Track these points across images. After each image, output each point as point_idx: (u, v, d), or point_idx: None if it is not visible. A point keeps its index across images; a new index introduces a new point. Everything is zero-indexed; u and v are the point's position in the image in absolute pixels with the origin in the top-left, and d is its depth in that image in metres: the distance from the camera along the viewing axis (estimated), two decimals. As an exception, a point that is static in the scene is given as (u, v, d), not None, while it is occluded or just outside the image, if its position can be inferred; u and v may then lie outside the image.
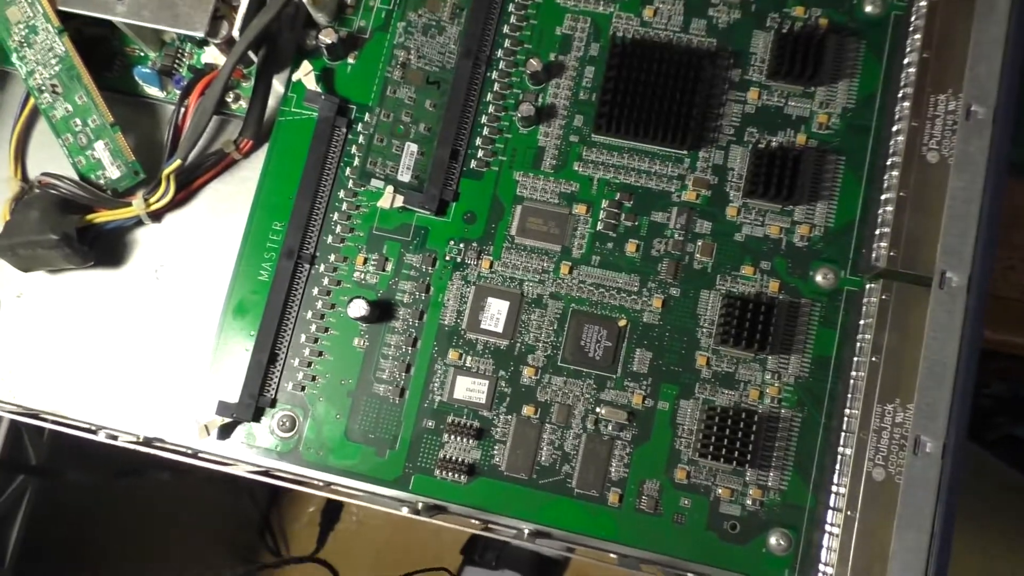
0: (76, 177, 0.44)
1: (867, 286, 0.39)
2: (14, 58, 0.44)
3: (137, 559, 1.02)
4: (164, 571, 1.09)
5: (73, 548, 0.87)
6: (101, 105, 0.43)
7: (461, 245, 0.43)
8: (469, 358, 0.42)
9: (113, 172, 0.44)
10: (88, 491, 0.81)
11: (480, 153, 0.44)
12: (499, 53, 0.44)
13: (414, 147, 0.43)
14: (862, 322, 0.39)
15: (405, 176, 0.43)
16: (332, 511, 1.28)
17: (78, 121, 0.44)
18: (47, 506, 0.72)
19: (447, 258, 0.43)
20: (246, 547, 1.30)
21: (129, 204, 0.44)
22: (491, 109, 0.44)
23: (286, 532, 1.34)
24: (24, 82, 0.44)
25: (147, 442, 0.43)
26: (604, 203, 0.43)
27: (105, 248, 0.45)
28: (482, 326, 0.42)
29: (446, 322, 0.42)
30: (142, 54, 0.46)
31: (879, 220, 0.39)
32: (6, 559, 0.69)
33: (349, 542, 1.32)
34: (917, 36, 0.40)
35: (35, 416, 0.44)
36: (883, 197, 0.39)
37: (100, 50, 0.46)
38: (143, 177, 0.44)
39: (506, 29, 0.44)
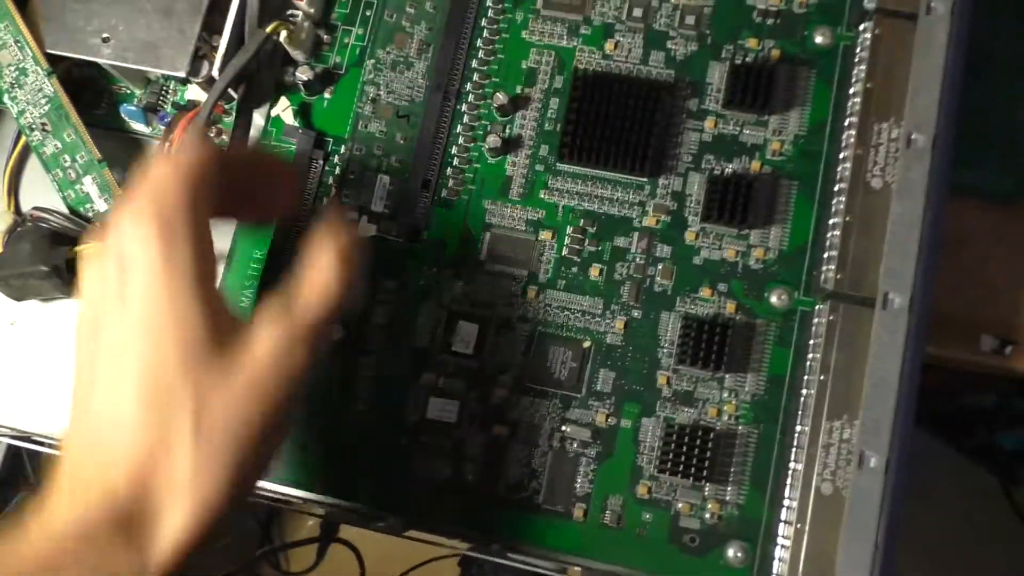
0: (66, 210, 0.47)
1: (816, 307, 0.41)
2: (6, 98, 0.46)
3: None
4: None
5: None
6: (88, 142, 0.46)
7: (433, 270, 0.45)
8: (442, 379, 0.44)
9: (101, 205, 0.46)
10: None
11: (451, 183, 0.46)
12: (468, 87, 0.46)
13: (386, 179, 0.45)
14: (811, 342, 0.41)
15: (378, 206, 0.45)
16: (332, 524, 1.29)
17: (67, 157, 0.46)
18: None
19: (420, 283, 0.45)
20: (247, 562, 1.32)
21: (116, 236, 0.46)
22: (460, 140, 0.46)
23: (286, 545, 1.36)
24: (16, 120, 0.46)
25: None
26: (569, 229, 0.44)
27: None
28: (453, 348, 0.44)
29: (420, 344, 0.44)
30: (128, 91, 0.49)
31: (827, 244, 0.41)
32: None
33: (349, 555, 1.34)
34: (862, 67, 0.42)
35: (28, 439, 0.46)
36: (831, 221, 0.41)
37: (88, 89, 0.49)
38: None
39: (474, 63, 0.46)
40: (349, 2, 0.48)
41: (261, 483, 0.43)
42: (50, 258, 0.45)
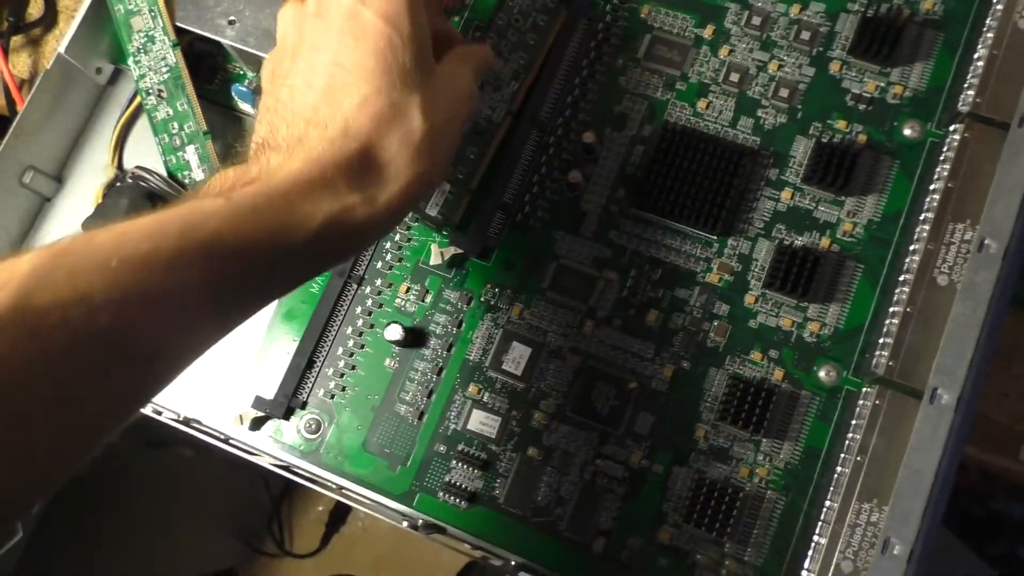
0: (165, 174, 0.49)
1: (863, 389, 0.42)
2: (130, 60, 0.49)
3: (150, 526, 1.07)
4: (171, 542, 1.14)
5: (95, 506, 0.92)
6: (198, 114, 0.48)
7: (496, 290, 0.46)
8: (487, 394, 0.45)
9: (198, 175, 0.49)
10: (117, 455, 0.86)
11: (527, 209, 0.47)
12: (559, 121, 0.48)
13: (447, 186, 0.46)
14: (854, 422, 0.41)
15: (432, 211, 0.46)
16: (340, 513, 1.32)
17: (176, 125, 0.49)
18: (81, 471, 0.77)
19: (482, 299, 0.46)
20: (252, 533, 1.34)
21: (207, 205, 0.48)
22: (544, 170, 0.48)
23: (293, 526, 1.38)
24: (135, 83, 0.49)
25: (186, 421, 0.47)
26: (633, 272, 0.46)
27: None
28: (503, 367, 0.45)
29: (471, 358, 0.46)
30: (241, 72, 0.51)
31: (884, 330, 0.42)
32: (35, 505, 0.74)
33: (351, 547, 1.36)
34: (947, 166, 0.43)
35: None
36: (891, 309, 0.42)
37: (205, 63, 0.52)
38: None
39: (568, 100, 0.48)
40: (461, 23, 0.50)
41: (297, 461, 0.45)
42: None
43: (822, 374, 0.44)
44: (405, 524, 0.43)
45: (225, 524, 1.33)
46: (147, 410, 0.46)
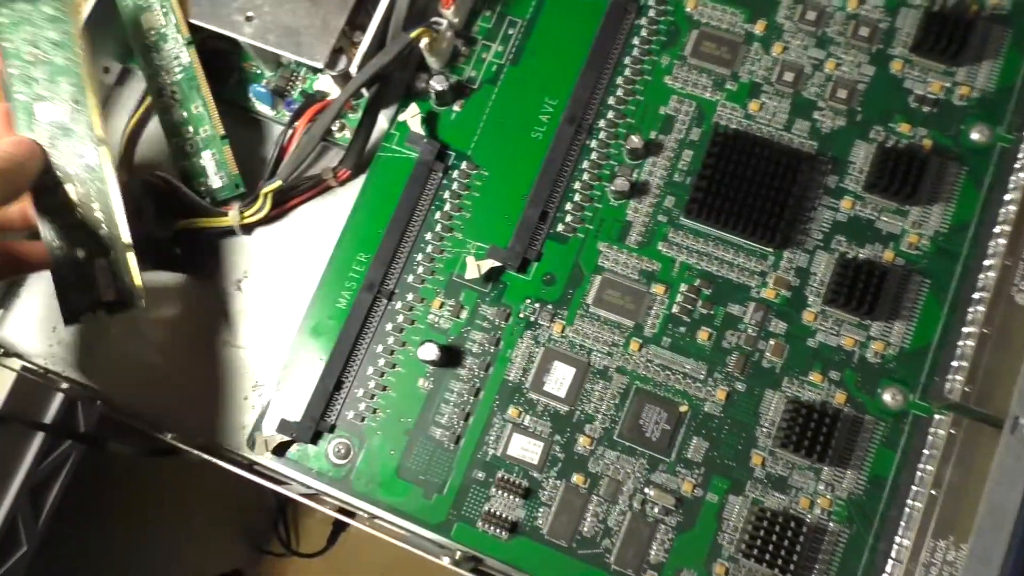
0: (178, 180, 0.46)
1: (936, 417, 0.39)
2: (140, 60, 0.46)
3: (157, 530, 1.04)
4: (178, 545, 1.11)
5: (101, 512, 0.89)
6: (215, 117, 0.45)
7: (536, 305, 0.44)
8: (528, 417, 0.42)
9: (215, 182, 0.45)
10: (125, 462, 0.84)
11: (568, 218, 0.44)
12: (601, 123, 0.45)
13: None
14: (926, 452, 0.39)
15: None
16: (346, 514, 1.28)
17: (190, 129, 0.45)
18: (87, 472, 0.74)
19: (521, 315, 0.44)
20: (259, 533, 1.32)
21: (225, 214, 0.45)
22: (585, 177, 0.45)
23: (299, 526, 1.36)
24: (146, 84, 0.46)
25: (208, 449, 0.44)
26: (683, 287, 0.43)
27: (195, 252, 0.47)
28: (545, 388, 0.42)
29: (511, 378, 0.43)
30: (259, 72, 0.48)
31: (958, 353, 0.39)
32: (41, 518, 0.71)
33: (359, 546, 1.34)
34: (1022, 174, 0.40)
35: (108, 403, 0.46)
36: (965, 330, 0.39)
37: (219, 62, 0.48)
38: (242, 191, 0.45)
39: (611, 101, 0.45)
40: (493, 17, 0.47)
41: (326, 488, 0.42)
42: (158, 228, 0.44)
43: (887, 397, 0.41)
44: (446, 560, 0.40)
45: (232, 525, 1.30)
46: (167, 437, 0.43)
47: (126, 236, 0.40)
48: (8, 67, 0.40)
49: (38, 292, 0.48)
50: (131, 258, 0.40)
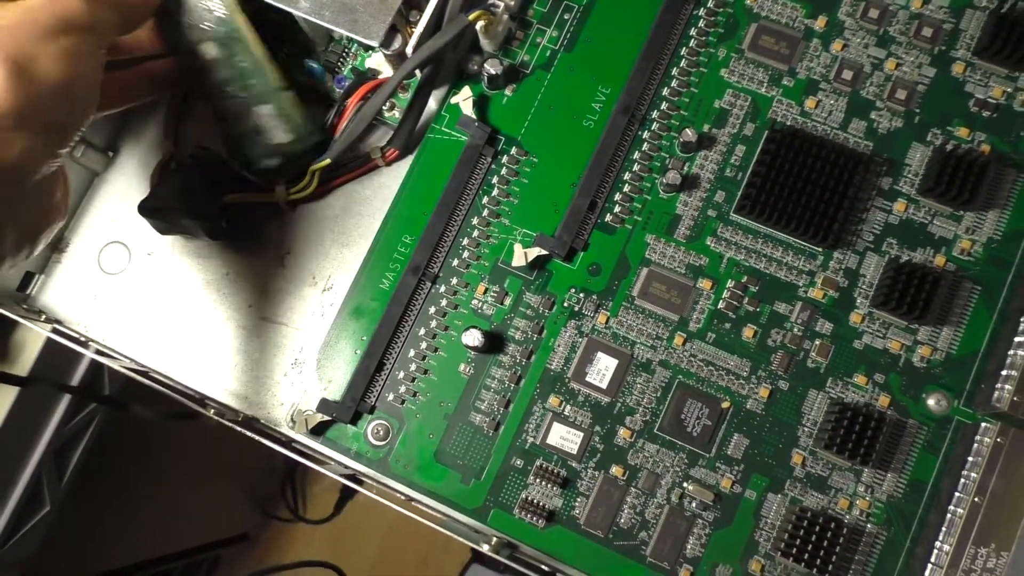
0: (226, 154, 0.46)
1: (983, 424, 0.39)
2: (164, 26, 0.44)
3: (172, 493, 1.05)
4: (188, 509, 1.12)
5: (122, 475, 0.90)
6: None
7: (581, 295, 0.43)
8: (568, 407, 0.42)
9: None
10: (144, 425, 0.84)
11: (617, 209, 0.44)
12: (654, 114, 0.45)
13: None
14: (970, 459, 0.39)
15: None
16: (354, 481, 1.30)
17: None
18: (109, 435, 0.75)
19: (565, 304, 0.43)
20: (266, 499, 1.34)
21: (271, 190, 0.45)
22: (636, 168, 0.44)
23: (307, 492, 1.37)
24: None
25: (248, 423, 0.44)
26: (730, 283, 0.43)
27: (239, 226, 0.46)
28: (587, 378, 0.42)
29: (553, 367, 0.43)
30: (310, 48, 0.48)
31: (1008, 362, 0.39)
32: (64, 479, 0.72)
33: (365, 514, 1.35)
34: (1083, 185, 0.39)
35: (146, 375, 0.46)
36: (1016, 340, 0.39)
37: (271, 33, 0.47)
38: (317, 139, 0.45)
39: (666, 92, 0.45)
40: (549, 1, 0.46)
41: (363, 469, 0.42)
42: (204, 200, 0.44)
43: (931, 402, 0.41)
44: (485, 547, 0.41)
45: (242, 491, 1.32)
46: (209, 411, 0.43)
47: (278, 80, 0.43)
48: None
49: (79, 259, 0.48)
50: (289, 96, 0.43)
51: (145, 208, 0.44)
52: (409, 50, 0.43)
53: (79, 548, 0.87)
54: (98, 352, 0.46)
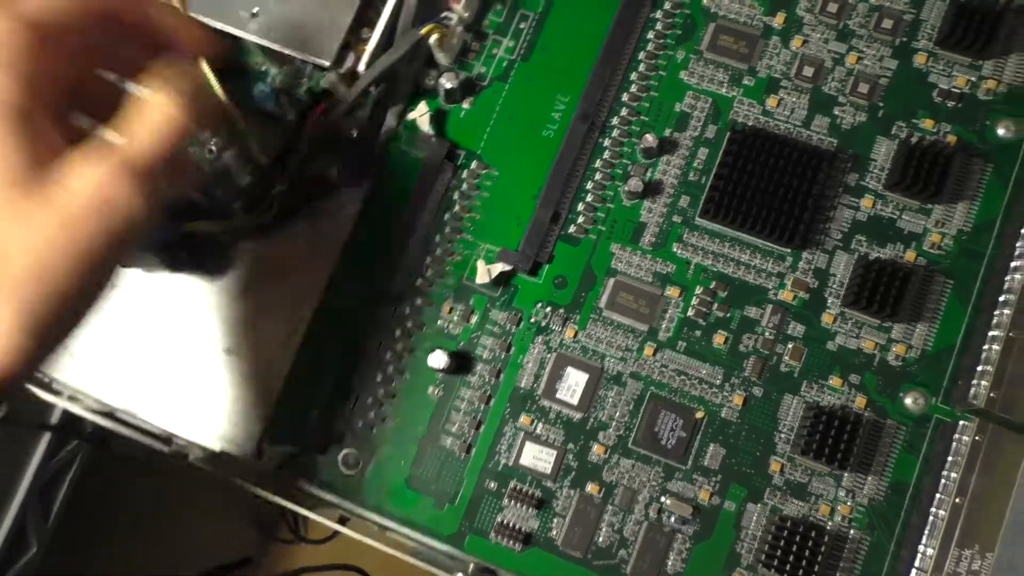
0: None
1: (960, 423, 0.38)
2: None
3: (167, 523, 1.04)
4: (188, 534, 1.11)
5: (114, 509, 0.89)
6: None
7: (548, 309, 0.43)
8: (540, 425, 0.42)
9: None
10: (131, 460, 0.84)
11: (580, 219, 0.43)
12: (614, 121, 0.44)
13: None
14: (950, 459, 0.38)
15: None
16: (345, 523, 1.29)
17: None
18: (95, 469, 0.74)
19: (532, 320, 0.43)
20: (266, 520, 1.32)
21: (232, 216, 0.44)
22: (598, 176, 0.43)
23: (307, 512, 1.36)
24: None
25: (213, 459, 0.43)
26: (698, 289, 0.42)
27: (199, 256, 0.45)
28: (558, 395, 0.42)
29: (522, 385, 0.42)
30: (263, 69, 0.47)
31: (983, 357, 0.38)
32: (51, 516, 0.71)
33: (367, 532, 1.34)
34: (1051, 171, 0.38)
35: (109, 416, 0.45)
36: (990, 334, 0.38)
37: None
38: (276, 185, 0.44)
39: (625, 97, 0.44)
40: (504, 11, 0.46)
41: (335, 500, 0.41)
42: (162, 231, 0.43)
43: (908, 401, 0.40)
44: None
45: (240, 514, 1.30)
46: (170, 448, 0.43)
47: (240, 123, 0.41)
48: None
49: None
50: (250, 139, 0.41)
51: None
52: (362, 68, 0.43)
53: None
54: (68, 397, 0.45)
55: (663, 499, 0.40)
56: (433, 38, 0.43)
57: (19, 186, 0.27)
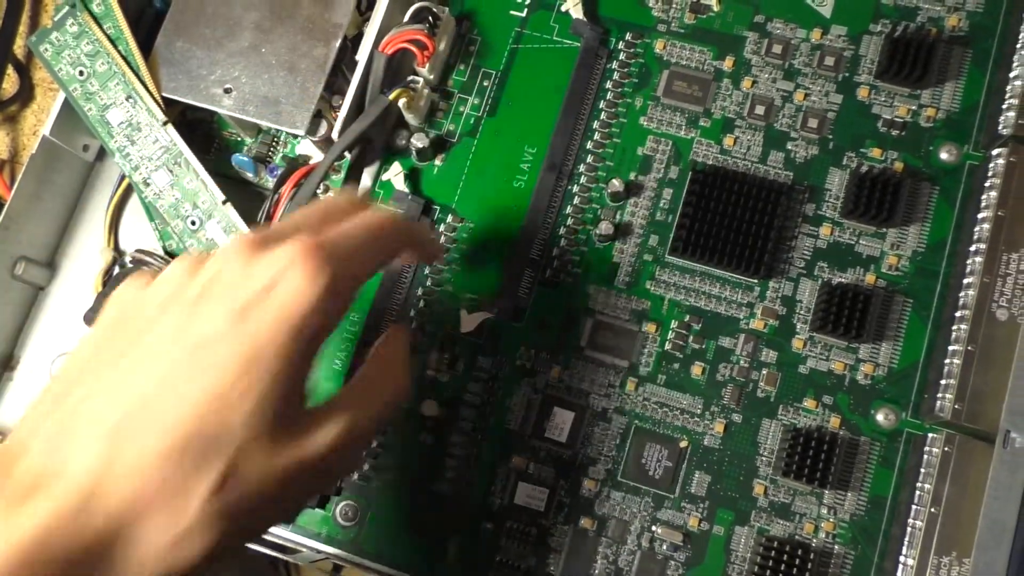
0: (163, 254, 0.46)
1: (930, 436, 0.40)
2: (117, 158, 0.46)
3: None
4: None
5: None
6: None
7: (532, 352, 0.44)
8: (532, 464, 0.43)
9: None
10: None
11: (556, 263, 0.45)
12: (581, 168, 0.46)
13: None
14: (923, 470, 0.40)
15: None
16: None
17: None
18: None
19: (517, 363, 0.44)
20: (257, 570, 1.31)
21: (216, 285, 0.46)
22: (570, 222, 0.45)
23: (300, 568, 1.35)
24: (129, 178, 0.46)
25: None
26: (673, 323, 0.44)
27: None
28: (546, 434, 0.43)
29: (512, 427, 0.43)
30: (239, 139, 0.49)
31: (945, 371, 0.40)
32: None
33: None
34: (993, 192, 0.41)
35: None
36: (950, 349, 0.40)
37: (198, 133, 0.49)
38: None
39: (589, 145, 0.46)
40: (467, 71, 0.48)
41: (336, 552, 0.42)
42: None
43: (880, 417, 0.42)
44: (462, 617, 0.41)
45: (227, 563, 1.29)
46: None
47: (219, 195, 0.45)
48: (71, 92, 0.46)
49: (30, 374, 0.48)
50: (230, 209, 0.45)
51: (90, 319, 0.45)
52: (335, 134, 0.44)
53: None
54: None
55: (654, 528, 0.42)
56: (402, 101, 0.45)
57: (281, 428, 0.28)
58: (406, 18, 0.46)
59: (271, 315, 0.28)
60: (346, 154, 0.46)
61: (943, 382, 0.40)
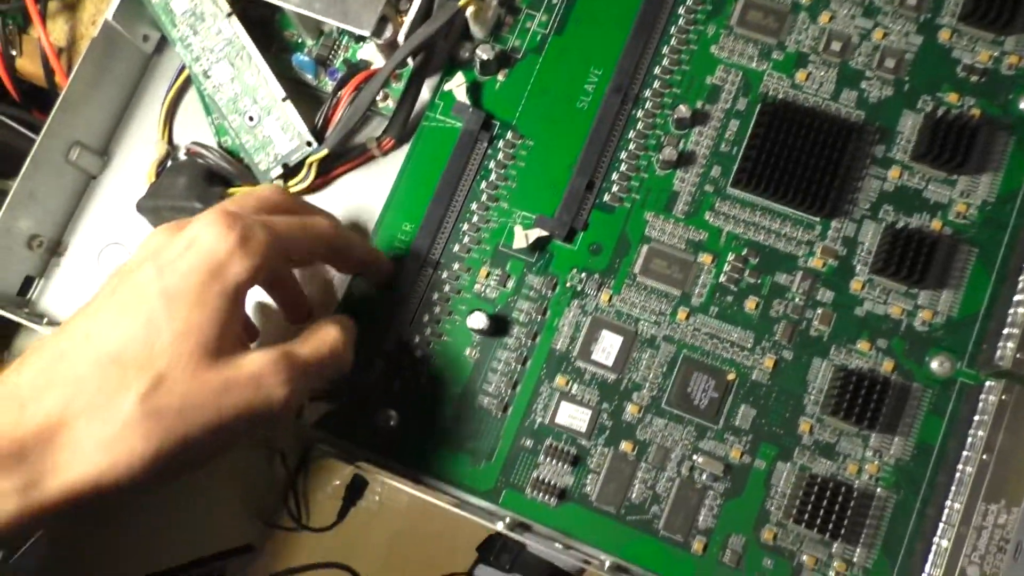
0: (218, 148, 0.46)
1: (987, 383, 0.39)
2: (178, 47, 0.45)
3: (169, 510, 1.04)
4: (190, 522, 1.12)
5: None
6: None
7: (583, 275, 0.44)
8: (575, 386, 0.43)
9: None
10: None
11: (615, 188, 0.44)
12: (647, 93, 0.45)
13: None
14: (976, 418, 0.39)
15: None
16: (357, 487, 1.30)
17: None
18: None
19: (567, 285, 0.44)
20: (269, 508, 1.33)
21: (270, 183, 0.45)
22: (631, 146, 0.45)
23: (309, 500, 1.37)
24: (188, 68, 0.46)
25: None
26: (730, 256, 0.43)
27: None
28: (593, 357, 0.43)
29: (558, 347, 0.43)
30: (300, 40, 0.48)
31: (1008, 320, 0.39)
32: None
33: (369, 520, 1.34)
34: (1074, 143, 0.40)
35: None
36: (1016, 298, 0.39)
37: (259, 31, 0.48)
38: (315, 147, 0.45)
39: (657, 70, 0.45)
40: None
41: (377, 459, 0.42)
42: (205, 196, 0.44)
43: (935, 365, 0.41)
44: (500, 525, 0.41)
45: (241, 502, 1.31)
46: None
47: (280, 91, 0.45)
48: None
49: (78, 262, 0.48)
50: (289, 107, 0.44)
51: (143, 206, 0.44)
52: (400, 39, 0.44)
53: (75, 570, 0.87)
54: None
55: (695, 457, 0.41)
56: (470, 10, 0.44)
57: (207, 355, 0.33)
58: (481, -75, 0.44)
59: (187, 264, 0.33)
60: (409, 61, 0.45)
61: (1006, 331, 0.39)
